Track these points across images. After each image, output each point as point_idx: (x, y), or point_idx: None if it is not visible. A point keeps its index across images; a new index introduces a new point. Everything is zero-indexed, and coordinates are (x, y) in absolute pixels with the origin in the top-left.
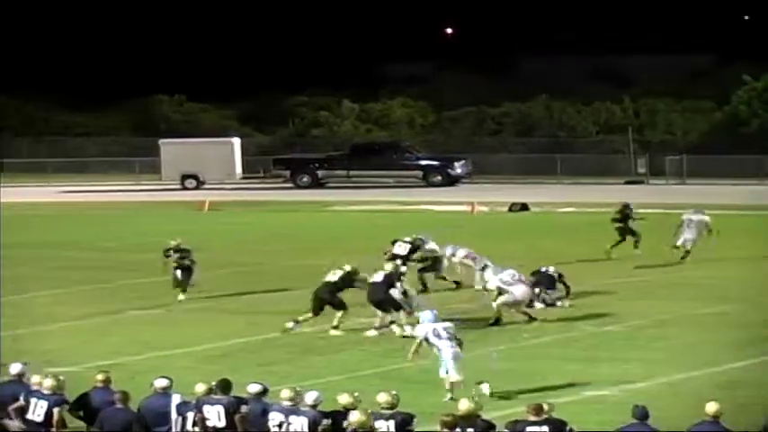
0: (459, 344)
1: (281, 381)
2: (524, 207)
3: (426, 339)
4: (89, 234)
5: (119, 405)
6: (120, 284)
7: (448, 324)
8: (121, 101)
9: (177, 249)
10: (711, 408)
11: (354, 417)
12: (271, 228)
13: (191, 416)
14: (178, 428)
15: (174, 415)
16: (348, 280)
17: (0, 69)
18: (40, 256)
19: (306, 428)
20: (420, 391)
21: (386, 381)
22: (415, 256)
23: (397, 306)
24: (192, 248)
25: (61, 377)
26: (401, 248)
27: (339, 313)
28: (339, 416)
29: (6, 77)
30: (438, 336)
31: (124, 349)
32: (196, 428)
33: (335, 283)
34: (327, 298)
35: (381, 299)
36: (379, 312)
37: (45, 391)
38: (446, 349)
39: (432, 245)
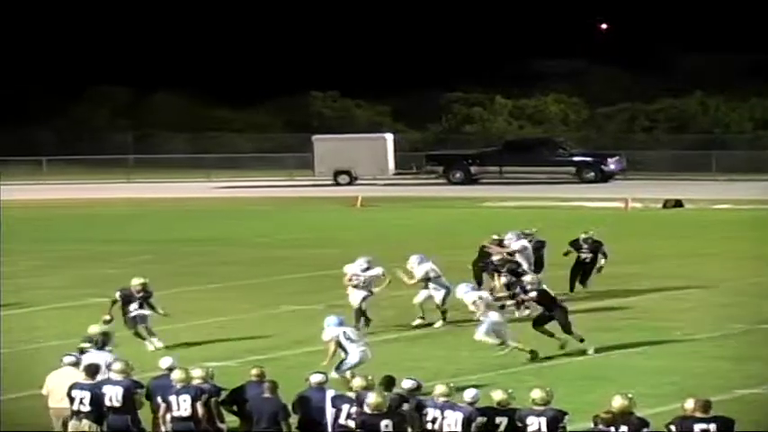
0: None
1: (433, 377)
2: (678, 204)
3: (338, 342)
4: (244, 230)
5: (267, 394)
6: (274, 280)
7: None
8: (276, 97)
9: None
10: None
11: (371, 398)
12: (423, 224)
13: (345, 408)
14: (331, 420)
15: (329, 408)
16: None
17: (158, 66)
18: (196, 251)
19: (460, 424)
20: (573, 387)
21: (539, 377)
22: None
23: None
24: None
25: (210, 369)
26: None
27: None
28: (493, 413)
29: (164, 74)
30: (349, 339)
31: (278, 344)
32: (349, 422)
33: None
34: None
35: None
36: None
37: (195, 382)
38: (354, 353)
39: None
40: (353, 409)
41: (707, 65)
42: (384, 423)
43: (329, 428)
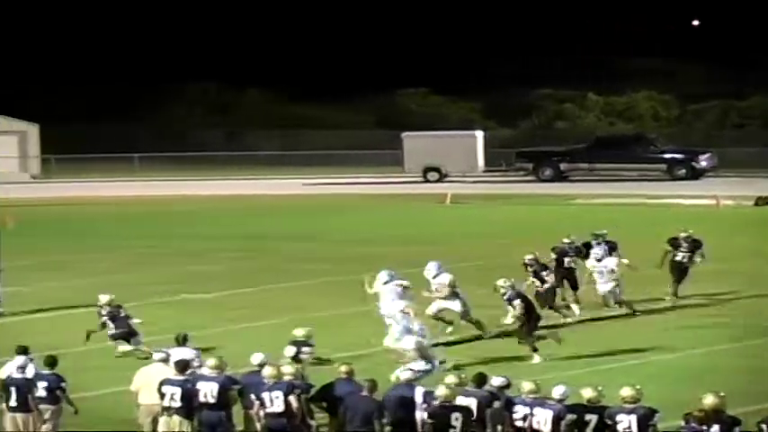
0: None
1: (523, 374)
2: None
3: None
4: (333, 227)
5: (364, 393)
6: (362, 277)
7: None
8: (366, 94)
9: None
10: None
11: (441, 390)
12: (513, 221)
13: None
14: (421, 417)
15: (420, 403)
16: None
17: (250, 64)
18: (286, 248)
19: (549, 422)
20: (664, 386)
21: (628, 375)
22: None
23: None
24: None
25: (299, 365)
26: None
27: None
28: (582, 410)
29: (256, 72)
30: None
31: (366, 341)
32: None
33: None
34: None
35: None
36: None
37: (286, 378)
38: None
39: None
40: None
41: None
42: (455, 416)
43: (419, 425)
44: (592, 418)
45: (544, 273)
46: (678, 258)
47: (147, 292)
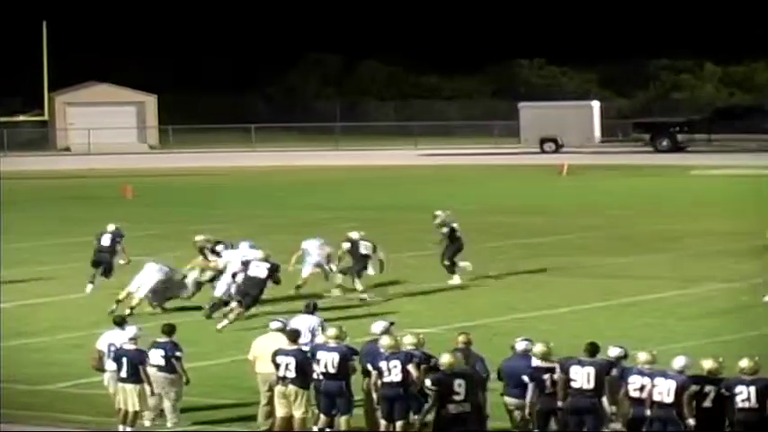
0: None
1: (639, 345)
2: None
3: None
4: (450, 197)
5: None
6: (482, 247)
7: None
8: (483, 65)
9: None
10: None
11: (444, 358)
12: (631, 192)
13: (546, 378)
14: (533, 395)
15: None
16: None
17: (367, 35)
18: (402, 218)
19: (673, 393)
20: None
21: (748, 347)
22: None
23: None
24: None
25: (421, 336)
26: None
27: None
28: (703, 381)
29: (372, 43)
30: None
31: (486, 312)
32: (554, 389)
33: None
34: None
35: None
36: None
37: (407, 348)
38: None
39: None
40: (556, 376)
41: None
42: (457, 382)
43: (528, 398)
44: (711, 390)
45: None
46: None
47: None
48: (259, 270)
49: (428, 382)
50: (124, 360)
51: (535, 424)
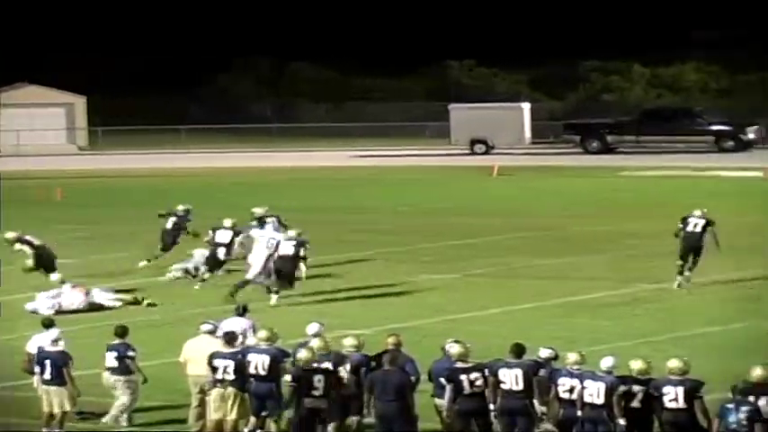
0: None
1: (569, 346)
2: None
3: None
4: (382, 198)
5: (387, 366)
6: (413, 248)
7: None
8: (414, 67)
9: None
10: None
11: (302, 353)
12: (561, 193)
13: (464, 379)
14: (450, 396)
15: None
16: None
17: (299, 37)
18: (336, 220)
19: (603, 394)
20: (712, 358)
21: (678, 347)
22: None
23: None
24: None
25: (361, 337)
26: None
27: None
28: (632, 382)
29: (305, 45)
30: None
31: (418, 313)
32: (473, 390)
33: None
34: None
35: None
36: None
37: (347, 350)
38: None
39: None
40: (473, 376)
41: None
42: (317, 378)
43: (446, 399)
44: (640, 390)
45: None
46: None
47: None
48: (287, 248)
49: (287, 378)
50: (47, 362)
51: (455, 425)
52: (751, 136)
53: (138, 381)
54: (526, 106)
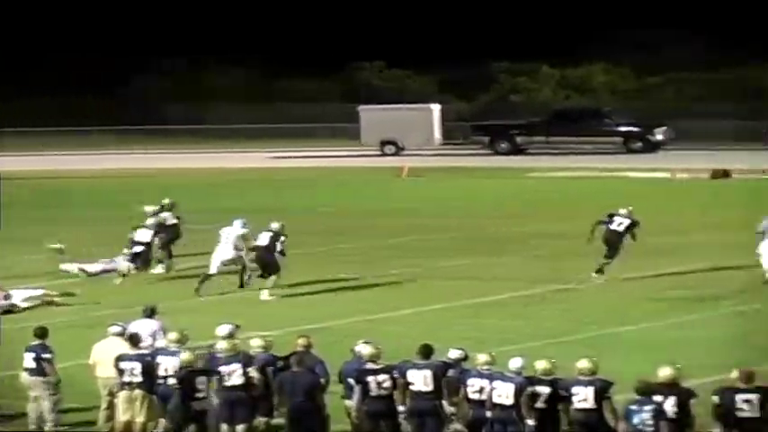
0: None
1: (480, 347)
2: (726, 174)
3: None
4: (293, 199)
5: (296, 368)
6: (323, 250)
7: None
8: (325, 68)
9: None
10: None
11: (183, 356)
12: (472, 194)
13: (372, 380)
14: (359, 397)
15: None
16: None
17: (213, 38)
18: (254, 221)
19: (512, 395)
20: (622, 358)
21: (587, 347)
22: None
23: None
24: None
25: (269, 338)
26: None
27: None
28: (537, 382)
29: (218, 46)
30: None
31: (331, 314)
32: (380, 392)
33: None
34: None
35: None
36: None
37: (254, 351)
38: None
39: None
40: (381, 378)
41: (754, 32)
42: (199, 379)
43: (354, 402)
44: (544, 390)
45: None
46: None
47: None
48: (262, 239)
49: (172, 381)
50: None
51: (364, 426)
52: (659, 137)
53: (54, 382)
54: (436, 107)
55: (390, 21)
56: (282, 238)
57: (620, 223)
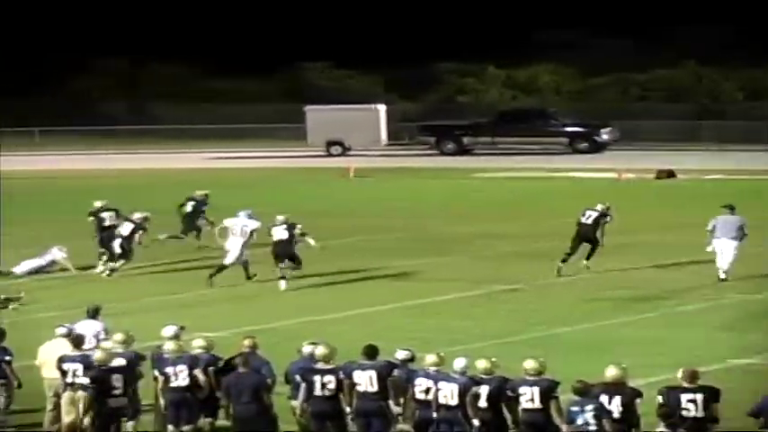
0: None
1: (427, 347)
2: (671, 174)
3: None
4: (237, 201)
5: (242, 369)
6: (268, 251)
7: None
8: (270, 68)
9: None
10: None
11: (98, 354)
12: (418, 194)
13: (317, 380)
14: (303, 395)
15: (299, 379)
16: None
17: (154, 37)
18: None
19: (456, 396)
20: (568, 358)
21: (533, 347)
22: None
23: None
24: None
25: (211, 339)
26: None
27: None
28: (479, 381)
29: (159, 45)
30: None
31: (277, 314)
32: (324, 393)
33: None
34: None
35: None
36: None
37: (195, 352)
38: None
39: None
40: (326, 378)
41: (700, 35)
42: (115, 377)
43: (299, 401)
44: (484, 389)
45: None
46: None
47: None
48: (280, 233)
49: (85, 380)
50: None
51: (310, 426)
52: (605, 137)
53: (13, 385)
54: (382, 108)
55: (336, 20)
56: (299, 227)
57: (589, 216)
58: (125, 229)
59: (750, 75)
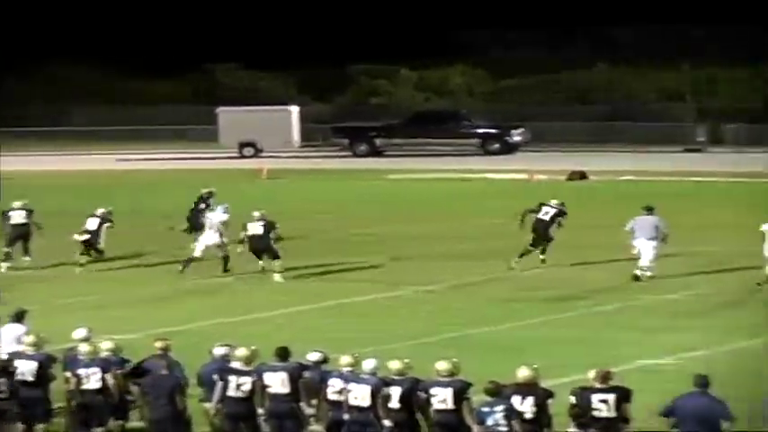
0: None
1: (343, 348)
2: (583, 176)
3: None
4: (147, 203)
5: (164, 371)
6: (179, 253)
7: None
8: (181, 69)
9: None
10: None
11: None
12: (332, 196)
13: (233, 381)
14: (219, 394)
15: (218, 380)
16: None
17: (64, 38)
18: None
19: (368, 396)
20: (481, 359)
21: (446, 348)
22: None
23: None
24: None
25: (117, 341)
26: None
27: None
28: (390, 382)
29: (69, 46)
30: None
31: (191, 316)
32: (238, 392)
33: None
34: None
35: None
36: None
37: (103, 354)
38: None
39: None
40: (242, 380)
41: (613, 36)
42: (1, 381)
43: (213, 402)
44: (396, 390)
45: None
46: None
47: None
48: (256, 228)
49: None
50: None
51: (223, 427)
52: (516, 139)
53: None
54: (294, 109)
55: (247, 21)
56: (277, 225)
57: (546, 212)
58: (91, 224)
59: (663, 76)
